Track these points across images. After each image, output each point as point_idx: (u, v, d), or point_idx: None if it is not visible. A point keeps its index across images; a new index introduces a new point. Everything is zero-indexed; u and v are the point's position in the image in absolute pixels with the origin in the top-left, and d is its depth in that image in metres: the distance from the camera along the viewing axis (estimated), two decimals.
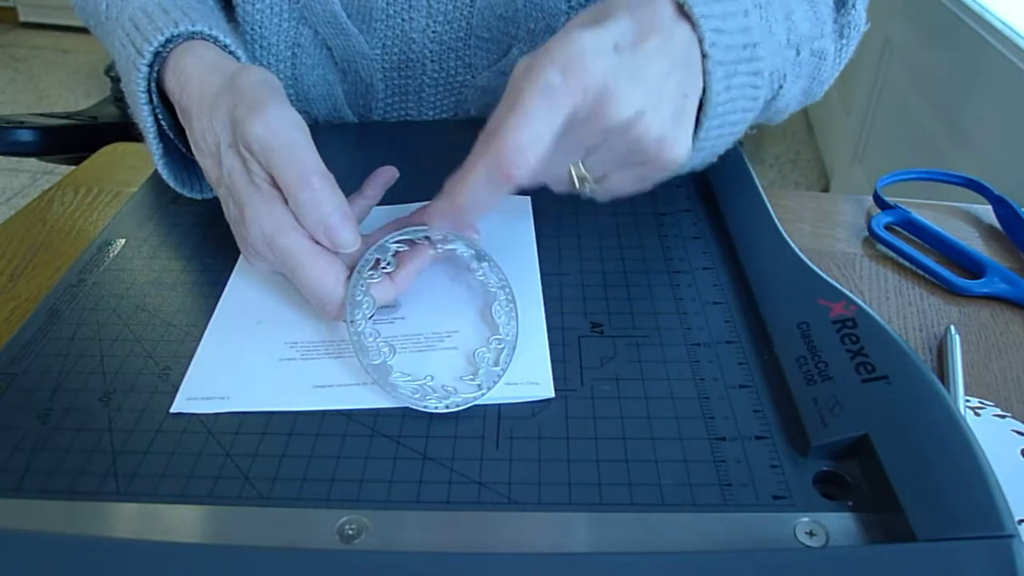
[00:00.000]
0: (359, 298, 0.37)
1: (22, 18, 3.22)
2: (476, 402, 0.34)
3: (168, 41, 0.43)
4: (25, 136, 1.08)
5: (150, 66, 0.43)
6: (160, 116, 0.45)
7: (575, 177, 0.38)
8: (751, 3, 0.40)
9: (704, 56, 0.37)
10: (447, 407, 0.34)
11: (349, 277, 0.37)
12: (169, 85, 0.43)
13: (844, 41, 0.50)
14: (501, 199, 0.35)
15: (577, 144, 0.37)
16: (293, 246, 0.36)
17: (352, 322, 0.36)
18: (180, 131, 0.44)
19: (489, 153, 0.34)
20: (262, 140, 0.36)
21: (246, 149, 0.37)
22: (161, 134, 0.46)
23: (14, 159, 2.22)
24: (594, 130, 0.35)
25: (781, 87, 0.45)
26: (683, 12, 0.37)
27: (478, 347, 0.37)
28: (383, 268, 0.38)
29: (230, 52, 0.45)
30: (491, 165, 0.34)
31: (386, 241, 0.38)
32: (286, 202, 0.37)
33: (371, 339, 0.36)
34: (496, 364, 0.36)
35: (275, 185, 0.37)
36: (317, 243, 0.37)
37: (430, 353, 0.37)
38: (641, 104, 0.35)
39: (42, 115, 1.15)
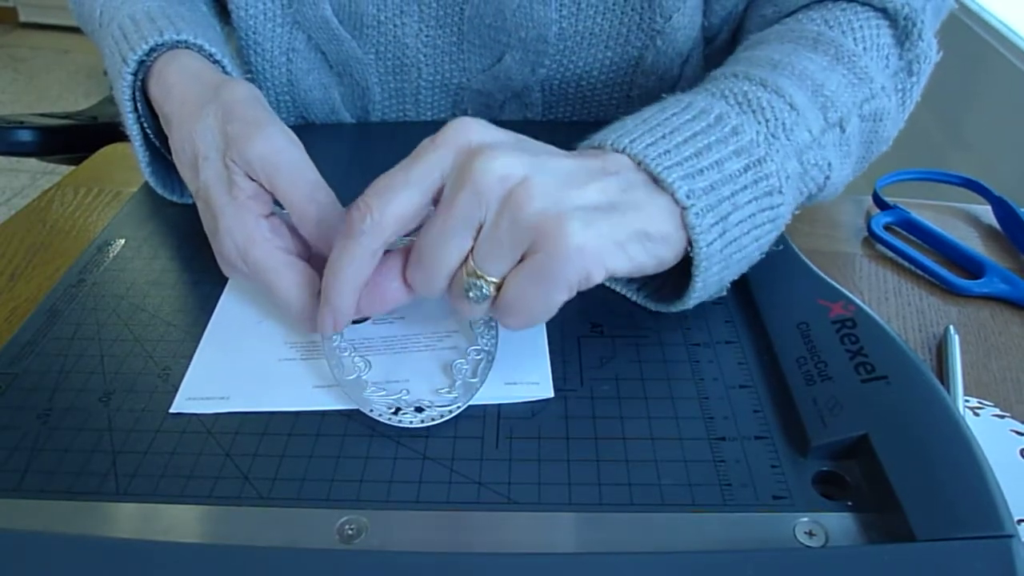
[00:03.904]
0: None
1: (22, 18, 3.22)
2: (451, 416, 0.34)
3: (153, 50, 0.43)
4: (25, 136, 1.08)
5: (134, 74, 0.43)
6: (146, 124, 0.45)
7: (466, 276, 0.32)
8: (739, 117, 0.35)
9: (684, 209, 0.33)
10: (422, 421, 0.33)
11: None
12: (153, 93, 0.43)
13: (914, 79, 0.43)
14: (364, 275, 0.33)
15: (461, 224, 0.31)
16: (266, 257, 0.36)
17: (328, 336, 0.36)
18: (165, 138, 0.44)
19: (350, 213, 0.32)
20: (266, 158, 0.36)
21: (244, 166, 0.37)
22: (148, 141, 0.46)
23: (14, 159, 2.22)
24: (466, 192, 0.31)
25: (828, 177, 0.39)
26: (648, 173, 0.33)
27: (456, 358, 0.36)
28: None
29: (215, 61, 0.45)
30: (346, 225, 0.32)
31: None
32: (261, 215, 0.37)
33: (347, 353, 0.36)
34: (474, 376, 0.35)
35: (252, 198, 0.37)
36: (290, 255, 0.37)
37: (406, 364, 0.37)
38: (523, 170, 0.30)
39: (42, 115, 1.14)
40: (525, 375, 0.36)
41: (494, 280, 0.32)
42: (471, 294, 0.32)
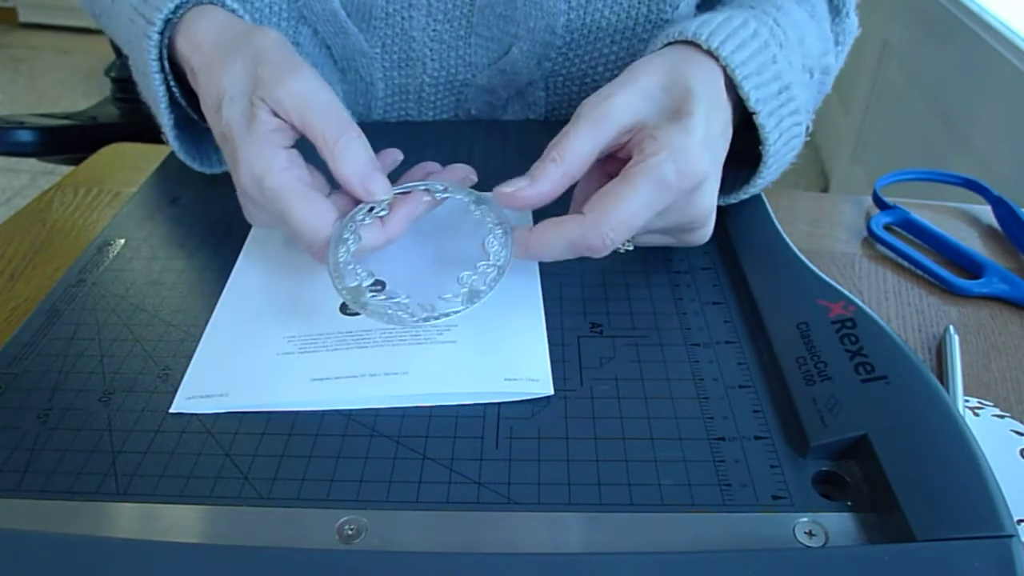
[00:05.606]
0: (346, 236, 0.37)
1: (22, 19, 3.22)
2: (456, 315, 0.34)
3: (178, 7, 0.44)
4: (25, 136, 1.08)
5: (161, 33, 0.43)
6: (172, 85, 0.45)
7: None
8: (776, 46, 0.42)
9: (753, 113, 0.40)
10: (425, 319, 0.34)
11: (339, 219, 0.38)
12: (181, 49, 0.43)
13: (839, 48, 0.52)
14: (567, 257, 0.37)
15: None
16: (282, 186, 0.37)
17: (333, 252, 0.37)
18: (191, 100, 0.44)
19: (587, 220, 0.36)
20: (299, 96, 0.37)
21: (274, 104, 0.37)
22: (173, 106, 0.46)
23: (14, 159, 2.22)
24: (674, 204, 0.37)
25: (809, 112, 0.46)
26: (720, 66, 0.40)
27: (465, 270, 0.37)
28: (377, 213, 0.38)
29: (238, 17, 0.45)
30: (584, 231, 0.36)
31: None
32: (280, 146, 0.38)
33: (350, 267, 0.37)
34: (483, 285, 0.36)
35: (275, 131, 0.38)
36: (306, 184, 0.38)
37: (424, 279, 0.39)
38: (714, 185, 0.39)
39: (42, 115, 1.15)
40: (525, 371, 0.36)
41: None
42: (621, 250, 0.38)
